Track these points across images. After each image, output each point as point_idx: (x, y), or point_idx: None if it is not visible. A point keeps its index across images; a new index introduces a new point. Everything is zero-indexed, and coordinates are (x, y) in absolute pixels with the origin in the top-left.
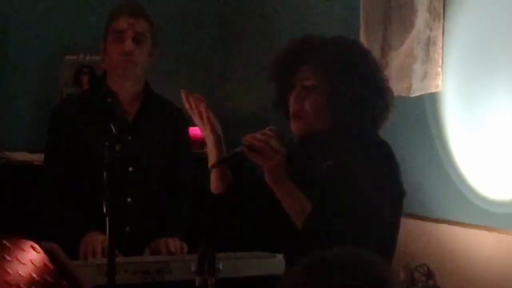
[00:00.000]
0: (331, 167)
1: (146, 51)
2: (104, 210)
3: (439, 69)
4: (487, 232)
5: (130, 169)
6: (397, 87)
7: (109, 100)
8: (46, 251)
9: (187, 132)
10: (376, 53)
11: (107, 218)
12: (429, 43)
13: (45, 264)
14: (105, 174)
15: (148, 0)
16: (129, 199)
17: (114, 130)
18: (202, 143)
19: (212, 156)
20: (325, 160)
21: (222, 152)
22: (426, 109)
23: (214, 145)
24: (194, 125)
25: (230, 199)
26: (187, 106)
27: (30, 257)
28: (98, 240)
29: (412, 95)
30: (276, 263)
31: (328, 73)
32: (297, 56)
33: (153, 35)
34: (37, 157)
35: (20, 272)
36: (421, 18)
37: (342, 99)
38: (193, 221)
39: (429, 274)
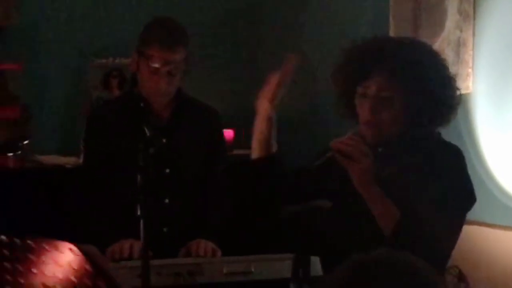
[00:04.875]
0: (393, 174)
1: (179, 77)
2: (138, 212)
3: (470, 70)
4: None
5: (167, 170)
6: None
7: (142, 104)
8: (84, 253)
9: (221, 133)
10: None
11: (141, 220)
12: (459, 44)
13: (83, 267)
14: (139, 177)
15: (184, 8)
16: (166, 200)
17: (148, 134)
18: (232, 145)
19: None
20: (388, 166)
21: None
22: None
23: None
24: (227, 127)
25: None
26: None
27: (68, 259)
28: (127, 243)
29: None
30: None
31: (403, 84)
32: (368, 64)
33: (188, 58)
34: (69, 160)
35: (57, 274)
36: (451, 19)
37: (417, 109)
38: (229, 222)
39: (461, 276)
